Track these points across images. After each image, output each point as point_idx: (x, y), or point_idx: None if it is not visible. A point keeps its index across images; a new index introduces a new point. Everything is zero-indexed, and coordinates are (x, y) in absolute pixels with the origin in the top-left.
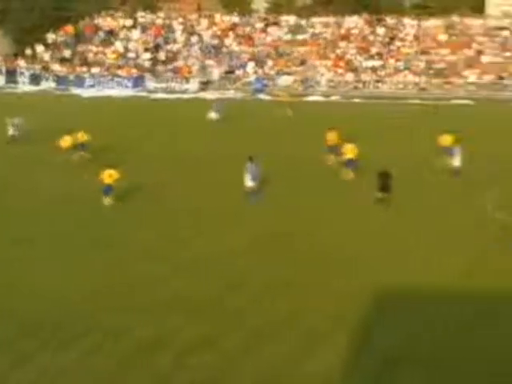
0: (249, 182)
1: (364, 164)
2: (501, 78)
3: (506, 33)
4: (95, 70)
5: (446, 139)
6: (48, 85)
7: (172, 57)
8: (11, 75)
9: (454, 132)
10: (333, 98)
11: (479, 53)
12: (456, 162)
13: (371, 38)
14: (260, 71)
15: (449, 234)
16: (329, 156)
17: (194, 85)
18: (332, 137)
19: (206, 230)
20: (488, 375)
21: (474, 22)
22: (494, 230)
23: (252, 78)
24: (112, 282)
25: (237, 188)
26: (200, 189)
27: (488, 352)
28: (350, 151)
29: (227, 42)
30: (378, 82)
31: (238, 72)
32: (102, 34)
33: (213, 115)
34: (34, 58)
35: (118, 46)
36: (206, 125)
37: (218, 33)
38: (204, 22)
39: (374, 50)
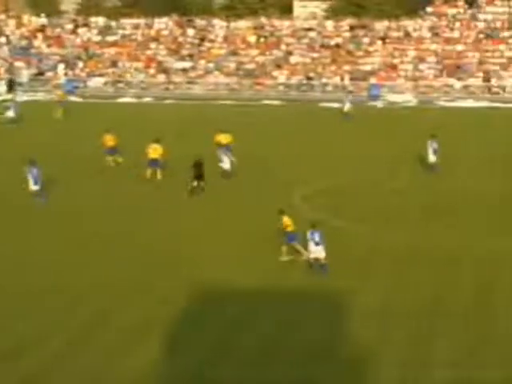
0: (32, 186)
1: (170, 163)
2: (309, 78)
3: (312, 34)
4: None
5: (223, 138)
6: None
7: None
8: None
9: (228, 132)
10: (145, 99)
11: (288, 53)
12: (225, 163)
13: (181, 39)
14: (70, 73)
15: (257, 233)
16: (107, 157)
17: (2, 87)
18: (109, 138)
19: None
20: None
21: (283, 23)
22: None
23: (63, 79)
24: None
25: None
26: None
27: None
28: (153, 151)
29: (36, 43)
30: (189, 83)
31: (49, 74)
32: None
33: (10, 114)
34: None
35: None
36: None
37: (27, 34)
38: (12, 23)
39: (184, 52)
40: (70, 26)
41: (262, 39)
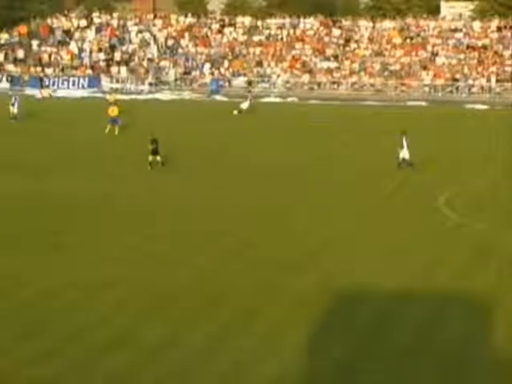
0: None
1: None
2: (455, 79)
3: (459, 34)
4: (50, 70)
5: (113, 111)
6: (1, 85)
7: (127, 58)
8: None
9: None
10: (289, 99)
11: (434, 54)
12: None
13: (326, 39)
14: (216, 72)
15: (401, 232)
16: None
17: (149, 86)
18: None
19: None
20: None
21: (429, 24)
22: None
23: (208, 79)
24: None
25: None
26: None
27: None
28: (112, 111)
29: (183, 43)
30: (333, 83)
31: (194, 73)
32: (56, 35)
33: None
34: None
35: (73, 46)
36: None
37: (174, 34)
38: (159, 23)
39: (329, 52)
40: (216, 26)
41: (407, 40)
